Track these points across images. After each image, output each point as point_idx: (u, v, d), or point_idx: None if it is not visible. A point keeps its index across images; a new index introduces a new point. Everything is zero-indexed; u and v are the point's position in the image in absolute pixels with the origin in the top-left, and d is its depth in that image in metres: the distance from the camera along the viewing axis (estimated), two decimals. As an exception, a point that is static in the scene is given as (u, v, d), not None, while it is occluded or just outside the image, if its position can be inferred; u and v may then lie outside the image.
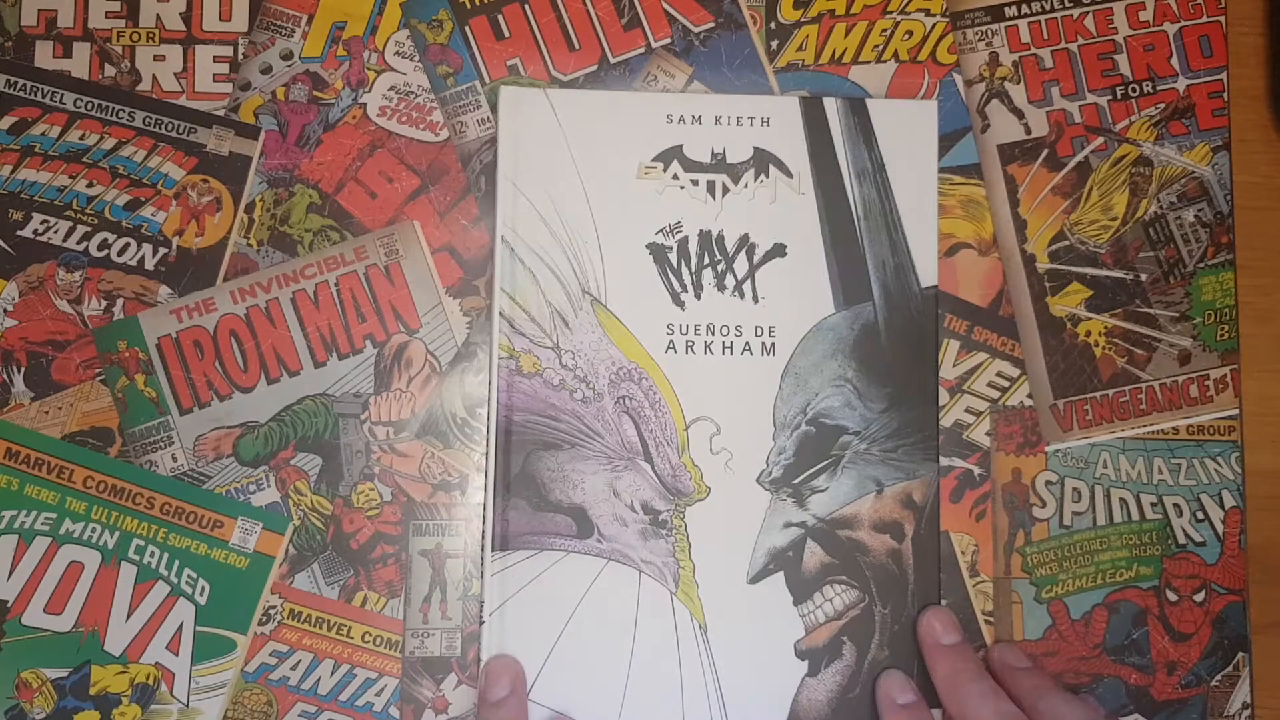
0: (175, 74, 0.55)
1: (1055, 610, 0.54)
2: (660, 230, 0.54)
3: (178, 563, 0.52)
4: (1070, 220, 0.56)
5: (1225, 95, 0.57)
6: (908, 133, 0.55)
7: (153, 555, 0.52)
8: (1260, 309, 0.57)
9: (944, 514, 0.54)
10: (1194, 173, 0.57)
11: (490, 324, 0.53)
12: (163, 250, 0.54)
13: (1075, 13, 0.57)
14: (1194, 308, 0.56)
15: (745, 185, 0.54)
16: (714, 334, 0.53)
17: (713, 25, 0.56)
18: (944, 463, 0.54)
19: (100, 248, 0.53)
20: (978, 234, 0.56)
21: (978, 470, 0.55)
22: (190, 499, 0.52)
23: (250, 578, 0.52)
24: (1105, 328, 0.56)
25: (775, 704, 0.51)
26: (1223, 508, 0.55)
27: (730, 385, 0.53)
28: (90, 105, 0.54)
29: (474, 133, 0.55)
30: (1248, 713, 0.54)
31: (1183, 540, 0.55)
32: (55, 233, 0.53)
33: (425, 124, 0.55)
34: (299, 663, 0.52)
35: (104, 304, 0.53)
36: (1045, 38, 0.57)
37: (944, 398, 0.55)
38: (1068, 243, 0.56)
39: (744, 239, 0.54)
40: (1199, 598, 0.54)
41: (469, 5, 0.56)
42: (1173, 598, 0.54)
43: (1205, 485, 0.55)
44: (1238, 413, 0.55)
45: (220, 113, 0.55)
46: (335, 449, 0.53)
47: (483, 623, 0.51)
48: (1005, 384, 0.55)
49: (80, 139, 0.54)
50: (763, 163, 0.54)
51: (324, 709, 0.52)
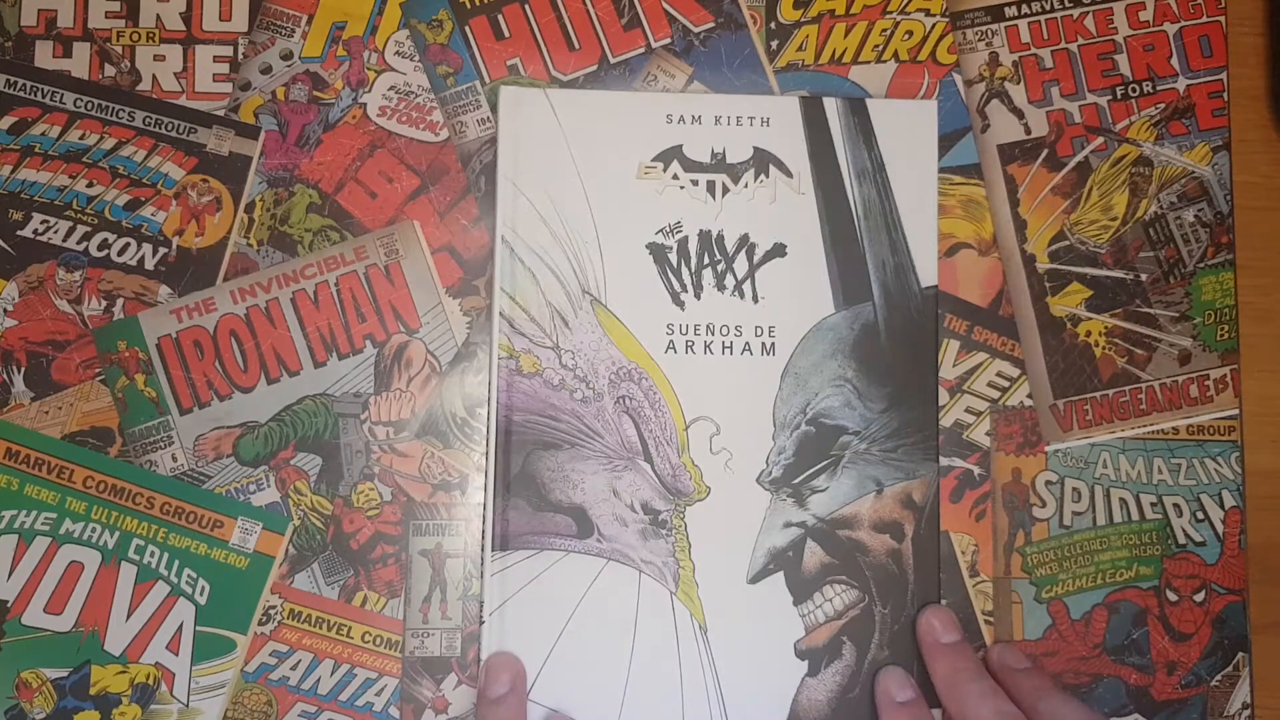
0: (175, 74, 0.55)
1: (1055, 610, 0.54)
2: (660, 230, 0.54)
3: (178, 563, 0.52)
4: (1070, 220, 0.56)
5: (1225, 95, 0.57)
6: (908, 133, 0.55)
7: (153, 555, 0.52)
8: (1260, 309, 0.57)
9: (944, 514, 0.54)
10: (1194, 173, 0.57)
11: (490, 324, 0.53)
12: (163, 250, 0.54)
13: (1075, 13, 0.57)
14: (1194, 308, 0.56)
15: (745, 185, 0.54)
16: (714, 334, 0.53)
17: (713, 25, 0.56)
18: (944, 463, 0.54)
19: (100, 248, 0.53)
20: (978, 234, 0.56)
21: (978, 470, 0.55)
22: (190, 499, 0.52)
23: (250, 578, 0.52)
24: (1105, 328, 0.56)
25: (775, 704, 0.51)
26: (1223, 508, 0.55)
27: (730, 385, 0.53)
28: (90, 105, 0.54)
29: (474, 133, 0.55)
30: (1248, 713, 0.54)
31: (1183, 540, 0.55)
32: (55, 233, 0.53)
33: (425, 124, 0.55)
34: (299, 663, 0.52)
35: (104, 304, 0.53)
36: (1045, 38, 0.57)
37: (944, 398, 0.55)
38: (1068, 243, 0.56)
39: (744, 239, 0.54)
40: (1199, 598, 0.54)
41: (469, 5, 0.56)
42: (1173, 598, 0.54)
43: (1205, 485, 0.55)
44: (1238, 413, 0.55)
45: (220, 113, 0.55)
46: (335, 449, 0.53)
47: (483, 623, 0.51)
48: (1005, 384, 0.55)
49: (80, 139, 0.54)
50: (763, 163, 0.54)
51: (324, 709, 0.52)
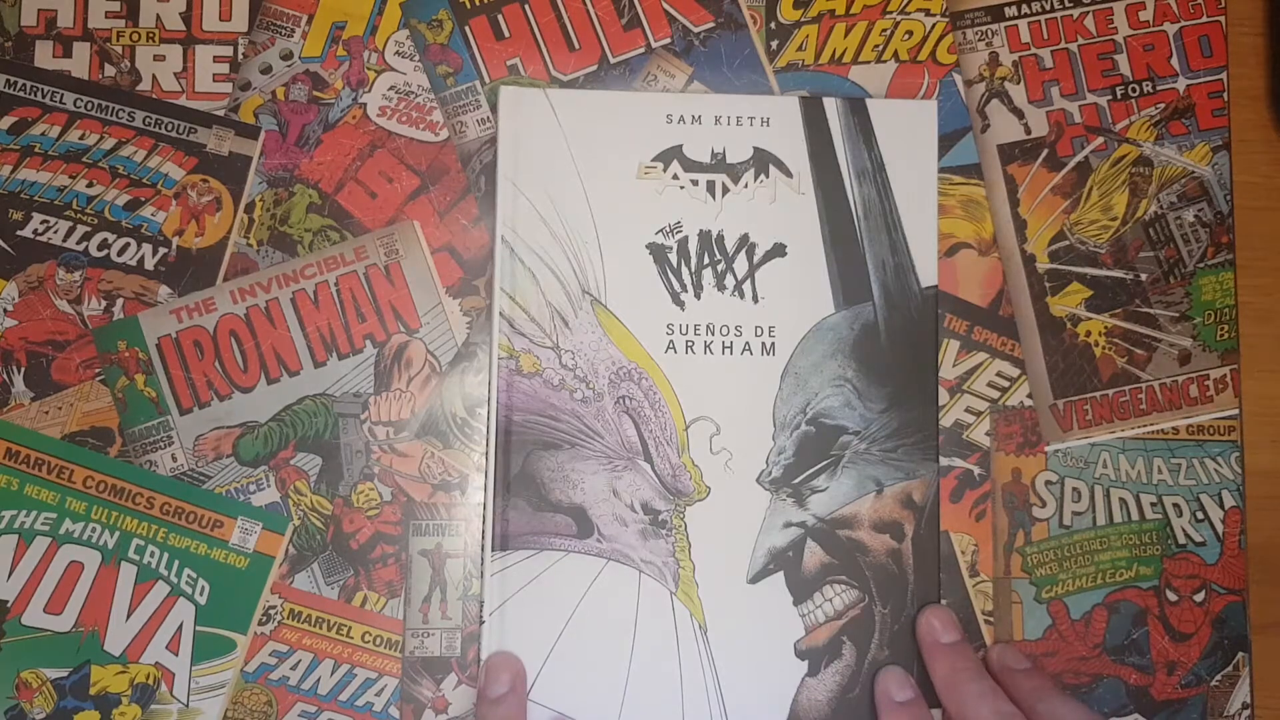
0: (175, 74, 0.55)
1: (1055, 610, 0.54)
2: (660, 230, 0.54)
3: (178, 563, 0.52)
4: (1070, 220, 0.56)
5: (1225, 95, 0.57)
6: (908, 133, 0.55)
7: (153, 555, 0.52)
8: (1260, 309, 0.57)
9: (944, 514, 0.54)
10: (1194, 173, 0.57)
11: (490, 324, 0.53)
12: (163, 250, 0.54)
13: (1075, 13, 0.57)
14: (1194, 308, 0.56)
15: (745, 185, 0.54)
16: (714, 334, 0.53)
17: (713, 25, 0.56)
18: (944, 463, 0.54)
19: (100, 248, 0.53)
20: (978, 234, 0.56)
21: (978, 470, 0.55)
22: (190, 499, 0.52)
23: (250, 578, 0.52)
24: (1105, 328, 0.56)
25: (775, 704, 0.51)
26: (1223, 508, 0.55)
27: (730, 385, 0.53)
28: (90, 105, 0.54)
29: (474, 133, 0.55)
30: (1248, 713, 0.54)
31: (1183, 540, 0.55)
32: (55, 233, 0.53)
33: (425, 124, 0.55)
34: (299, 663, 0.52)
35: (104, 304, 0.53)
36: (1045, 38, 0.57)
37: (944, 398, 0.55)
38: (1068, 243, 0.56)
39: (744, 239, 0.54)
40: (1199, 598, 0.54)
41: (469, 5, 0.56)
42: (1173, 598, 0.54)
43: (1205, 485, 0.55)
44: (1238, 413, 0.55)
45: (220, 113, 0.55)
46: (335, 449, 0.53)
47: (483, 623, 0.51)
48: (1005, 384, 0.55)
49: (80, 139, 0.54)
50: (763, 163, 0.54)
51: (324, 709, 0.52)
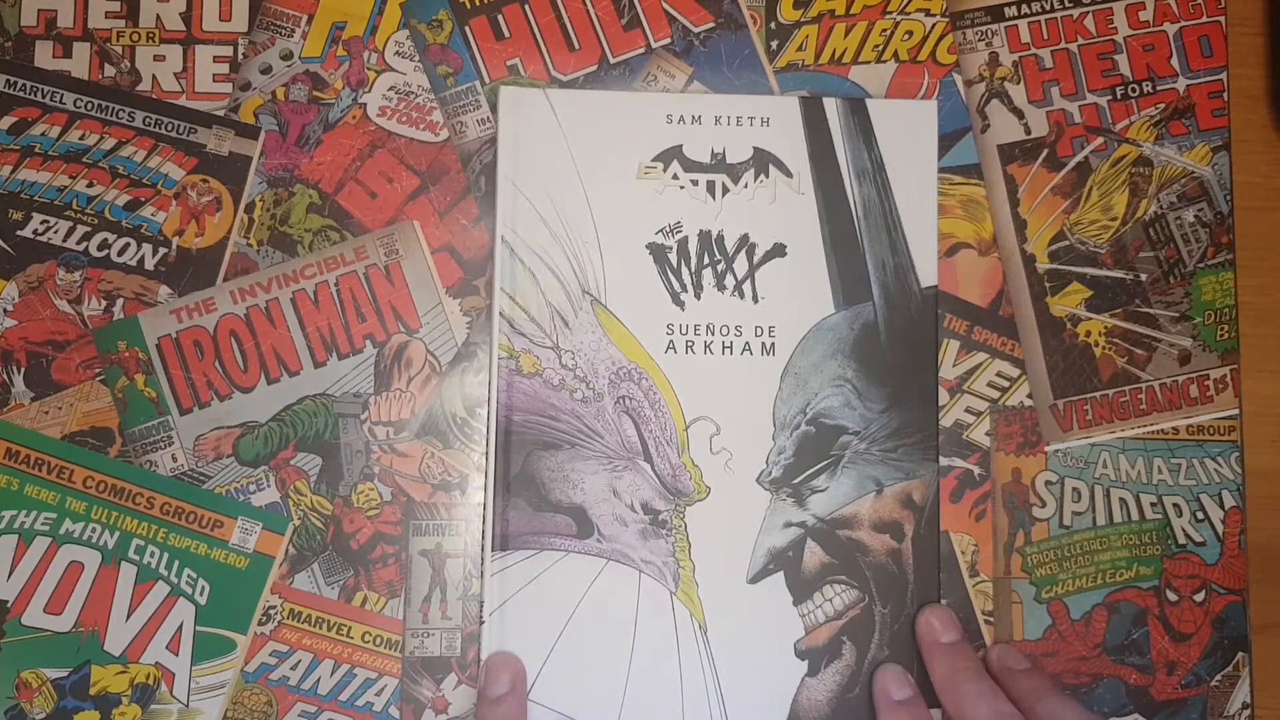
0: (175, 74, 0.55)
1: (1055, 610, 0.54)
2: (660, 230, 0.54)
3: (178, 563, 0.52)
4: (1070, 220, 0.56)
5: (1225, 95, 0.57)
6: (907, 133, 0.55)
7: (153, 555, 0.52)
8: (1260, 309, 0.57)
9: (944, 514, 0.54)
10: (1194, 173, 0.57)
11: (490, 324, 0.53)
12: (163, 250, 0.54)
13: (1075, 13, 0.57)
14: (1194, 308, 0.56)
15: (745, 185, 0.54)
16: (714, 334, 0.53)
17: (713, 25, 0.56)
18: (944, 463, 0.54)
19: (100, 248, 0.53)
20: (978, 234, 0.56)
21: (978, 470, 0.55)
22: (190, 499, 0.52)
23: (250, 578, 0.52)
24: (1105, 328, 0.56)
25: (775, 704, 0.51)
26: (1223, 508, 0.55)
27: (730, 385, 0.53)
28: (90, 105, 0.54)
29: (474, 133, 0.55)
30: (1248, 713, 0.54)
31: (1183, 540, 0.55)
32: (55, 233, 0.53)
33: (425, 124, 0.55)
34: (299, 663, 0.52)
35: (104, 304, 0.53)
36: (1045, 38, 0.57)
37: (944, 398, 0.55)
38: (1068, 243, 0.56)
39: (744, 239, 0.54)
40: (1199, 598, 0.54)
41: (469, 5, 0.56)
42: (1173, 598, 0.54)
43: (1205, 485, 0.55)
44: (1238, 413, 0.55)
45: (220, 113, 0.55)
46: (335, 449, 0.53)
47: (483, 623, 0.51)
48: (1005, 384, 0.55)
49: (80, 139, 0.54)
50: (763, 163, 0.54)
51: (324, 709, 0.52)
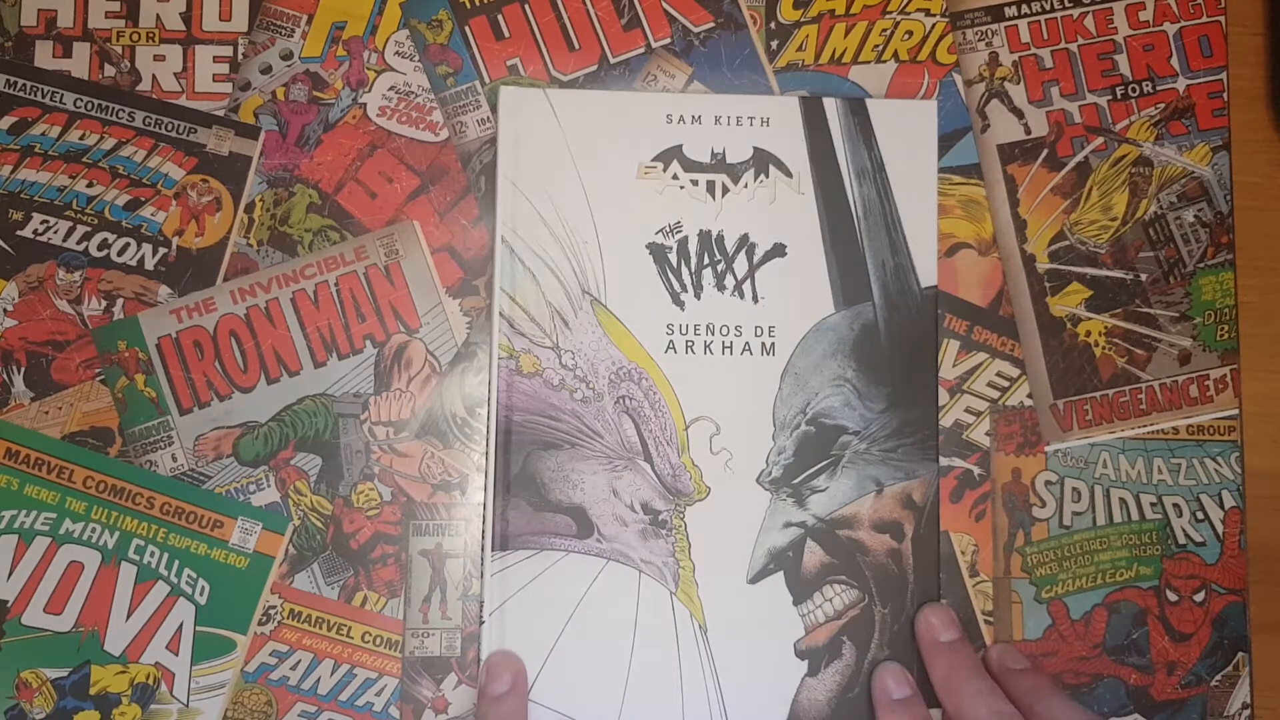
0: (175, 74, 0.55)
1: (1055, 610, 0.54)
2: (660, 230, 0.54)
3: (178, 563, 0.52)
4: (1070, 220, 0.56)
5: (1225, 95, 0.57)
6: (907, 133, 0.55)
7: (153, 555, 0.52)
8: (1260, 309, 0.57)
9: (944, 514, 0.54)
10: (1194, 173, 0.57)
11: (490, 324, 0.53)
12: (163, 250, 0.54)
13: (1075, 13, 0.57)
14: (1194, 308, 0.56)
15: (745, 185, 0.54)
16: (714, 334, 0.53)
17: (713, 25, 0.56)
18: (944, 463, 0.54)
19: (100, 248, 0.53)
20: (978, 234, 0.56)
21: (978, 470, 0.55)
22: (190, 499, 0.52)
23: (250, 578, 0.52)
24: (1105, 328, 0.56)
25: (775, 704, 0.51)
26: (1223, 508, 0.55)
27: (730, 385, 0.53)
28: (90, 105, 0.54)
29: (474, 133, 0.55)
30: (1247, 713, 0.54)
31: (1183, 540, 0.55)
32: (55, 233, 0.53)
33: (425, 124, 0.55)
34: (299, 663, 0.52)
35: (104, 304, 0.53)
36: (1045, 38, 0.57)
37: (944, 398, 0.55)
38: (1068, 243, 0.56)
39: (744, 239, 0.54)
40: (1199, 598, 0.54)
41: (469, 5, 0.56)
42: (1173, 598, 0.54)
43: (1205, 485, 0.55)
44: (1238, 413, 0.55)
45: (220, 113, 0.55)
46: (335, 449, 0.53)
47: (483, 623, 0.51)
48: (1005, 384, 0.55)
49: (80, 139, 0.54)
50: (763, 163, 0.54)
51: (324, 709, 0.52)
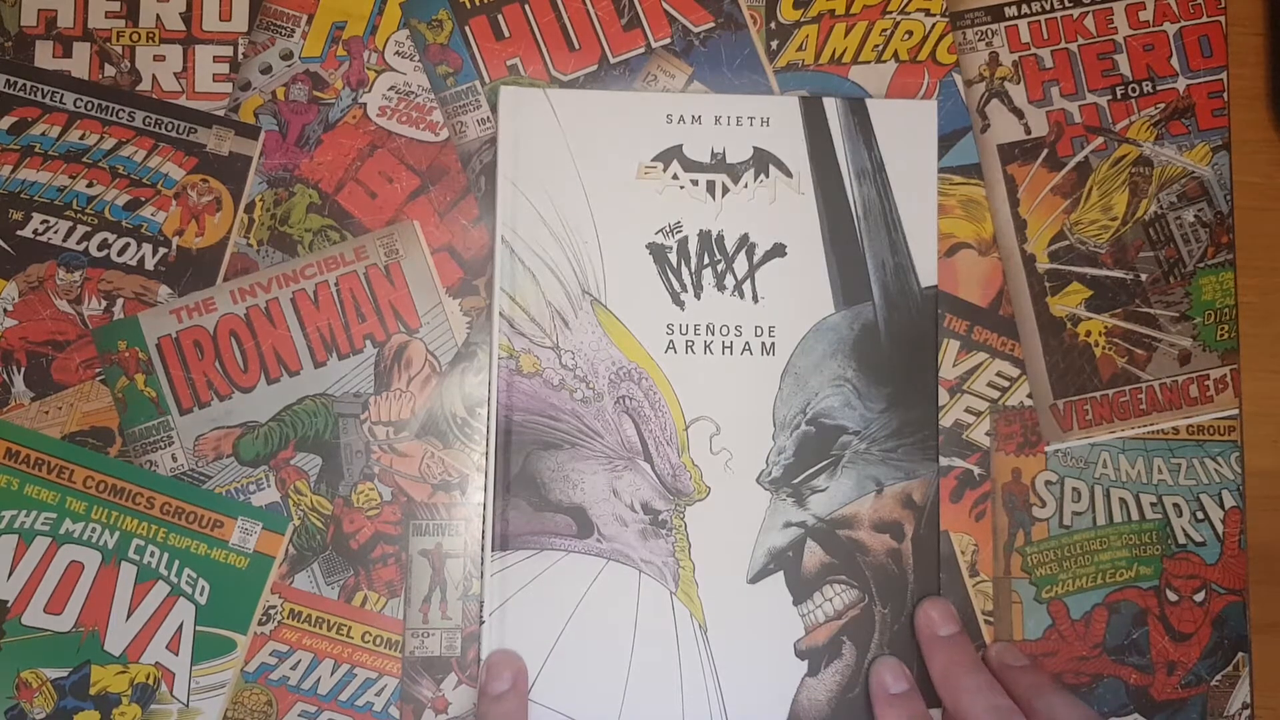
0: (175, 74, 0.55)
1: (1055, 610, 0.54)
2: (660, 230, 0.54)
3: (178, 563, 0.52)
4: (1070, 220, 0.56)
5: (1225, 95, 0.57)
6: (908, 133, 0.55)
7: (153, 555, 0.52)
8: (1260, 309, 0.57)
9: (944, 514, 0.54)
10: (1194, 173, 0.57)
11: (490, 324, 0.53)
12: (163, 250, 0.54)
13: (1075, 13, 0.57)
14: (1194, 308, 0.56)
15: (745, 185, 0.54)
16: (714, 334, 0.53)
17: (713, 25, 0.56)
18: (944, 463, 0.54)
19: (100, 248, 0.53)
20: (978, 234, 0.56)
21: (978, 470, 0.55)
22: (190, 499, 0.52)
23: (250, 578, 0.52)
24: (1105, 328, 0.56)
25: (775, 704, 0.51)
26: (1223, 508, 0.55)
27: (730, 385, 0.53)
28: (90, 105, 0.54)
29: (474, 133, 0.55)
30: (1248, 713, 0.54)
31: (1183, 540, 0.55)
32: (55, 233, 0.53)
33: (425, 124, 0.55)
34: (299, 663, 0.52)
35: (104, 304, 0.53)
36: (1045, 38, 0.57)
37: (944, 398, 0.55)
38: (1068, 243, 0.56)
39: (744, 239, 0.54)
40: (1199, 598, 0.54)
41: (469, 5, 0.56)
42: (1173, 598, 0.54)
43: (1205, 485, 0.55)
44: (1238, 413, 0.55)
45: (220, 113, 0.55)
46: (335, 449, 0.53)
47: (483, 623, 0.51)
48: (1005, 384, 0.55)
49: (80, 139, 0.54)
50: (763, 163, 0.54)
51: (324, 709, 0.52)
